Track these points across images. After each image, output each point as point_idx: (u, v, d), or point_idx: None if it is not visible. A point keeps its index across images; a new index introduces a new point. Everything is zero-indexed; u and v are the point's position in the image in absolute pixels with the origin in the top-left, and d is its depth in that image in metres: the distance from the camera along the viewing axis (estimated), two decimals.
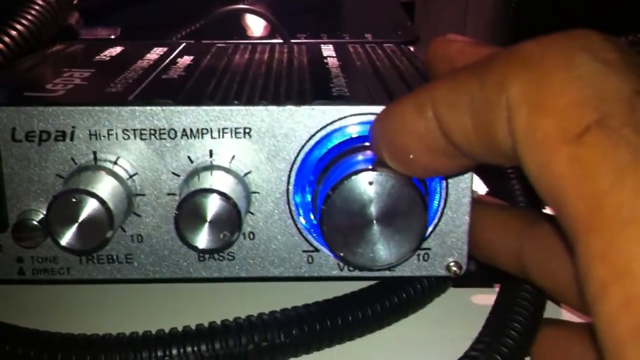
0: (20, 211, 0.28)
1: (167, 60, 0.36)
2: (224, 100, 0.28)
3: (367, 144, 0.27)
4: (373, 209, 0.26)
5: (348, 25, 0.60)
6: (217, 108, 0.28)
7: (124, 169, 0.28)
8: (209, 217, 0.26)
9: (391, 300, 0.31)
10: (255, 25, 0.55)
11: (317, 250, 0.29)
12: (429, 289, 0.32)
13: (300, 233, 0.29)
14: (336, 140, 0.28)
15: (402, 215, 0.26)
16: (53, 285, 0.31)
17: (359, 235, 0.26)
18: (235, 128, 0.28)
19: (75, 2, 0.47)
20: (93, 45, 0.41)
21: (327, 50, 0.40)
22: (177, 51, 0.38)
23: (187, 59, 0.36)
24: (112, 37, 0.49)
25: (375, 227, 0.26)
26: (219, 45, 0.41)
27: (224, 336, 0.28)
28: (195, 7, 0.54)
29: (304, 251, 0.29)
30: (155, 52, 0.38)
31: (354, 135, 0.28)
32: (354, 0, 0.67)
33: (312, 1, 0.65)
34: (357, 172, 0.26)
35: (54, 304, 0.33)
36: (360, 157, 0.27)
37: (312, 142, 0.28)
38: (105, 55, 0.38)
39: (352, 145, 0.27)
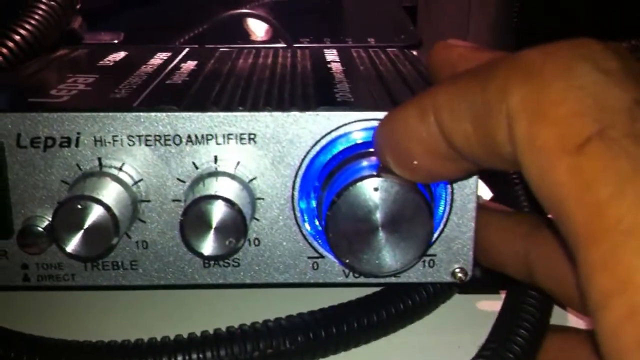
0: (25, 217, 0.28)
1: (171, 66, 0.36)
2: (229, 106, 0.28)
3: (371, 149, 0.27)
4: (378, 216, 0.26)
5: (351, 29, 0.60)
6: (221, 114, 0.28)
7: (129, 175, 0.28)
8: (214, 223, 0.26)
9: (396, 306, 0.31)
10: (259, 29, 0.55)
11: (322, 256, 0.29)
12: (434, 295, 0.32)
13: (305, 239, 0.29)
14: (341, 146, 0.28)
15: (408, 221, 0.26)
16: (58, 291, 0.30)
17: (365, 241, 0.26)
18: (240, 134, 0.28)
19: (78, 6, 0.47)
20: (96, 50, 0.41)
21: (331, 54, 0.40)
22: (180, 56, 0.38)
23: (190, 64, 0.36)
24: (116, 41, 0.49)
25: (381, 234, 0.26)
26: (222, 49, 0.41)
27: (229, 343, 0.28)
28: (198, 12, 0.54)
29: (309, 257, 0.29)
30: (159, 57, 0.38)
31: (359, 141, 0.28)
32: (356, 4, 0.67)
33: (315, 5, 0.65)
34: (362, 179, 0.26)
35: (58, 311, 0.33)
36: (365, 163, 0.27)
37: (317, 148, 0.28)
38: (109, 61, 0.38)
39: (356, 151, 0.27)
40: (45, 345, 0.28)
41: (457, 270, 0.30)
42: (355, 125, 0.28)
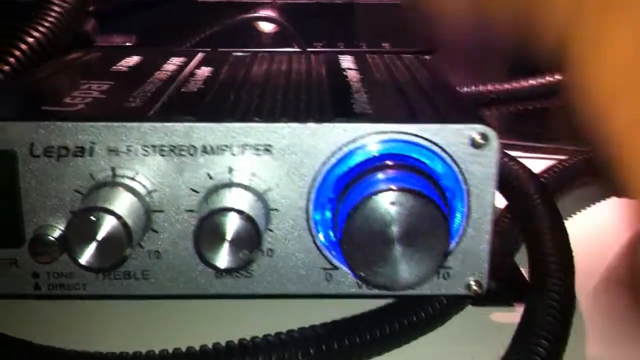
0: (37, 226, 0.28)
1: (186, 72, 0.35)
2: (244, 116, 0.28)
3: (388, 162, 0.27)
4: (394, 229, 0.26)
5: (364, 34, 0.60)
6: (237, 125, 0.27)
7: (143, 185, 0.27)
8: (228, 236, 0.26)
9: (409, 318, 0.31)
10: (272, 33, 0.54)
11: (335, 267, 0.29)
12: (447, 307, 0.32)
13: (319, 250, 0.29)
14: (357, 158, 0.28)
15: (424, 235, 0.26)
16: (61, 300, 0.30)
17: (380, 255, 0.26)
18: (256, 145, 0.27)
19: (90, 8, 0.47)
20: (109, 54, 0.41)
21: (346, 61, 0.40)
22: (195, 62, 0.38)
23: (205, 71, 0.36)
24: (128, 44, 0.49)
25: (397, 248, 0.26)
26: (236, 54, 0.41)
27: (241, 356, 0.27)
28: (211, 15, 0.53)
29: (323, 269, 0.29)
30: (173, 63, 0.37)
31: (375, 154, 0.27)
32: (369, 8, 0.66)
33: (327, 9, 0.65)
34: (378, 192, 0.26)
35: (60, 319, 0.32)
36: (381, 176, 0.26)
37: (333, 160, 0.28)
38: (122, 66, 0.37)
39: (373, 164, 0.27)
40: (44, 353, 0.28)
41: (472, 282, 0.29)
42: (373, 137, 0.27)
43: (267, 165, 0.28)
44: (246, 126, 0.27)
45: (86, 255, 0.26)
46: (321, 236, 0.29)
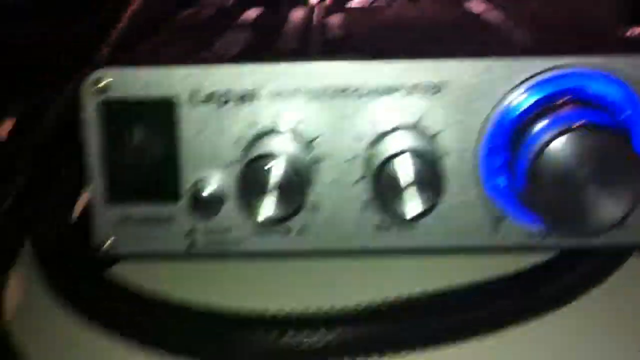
0: (196, 180, 0.26)
1: (317, 21, 0.33)
2: (410, 55, 0.26)
3: (574, 98, 0.25)
4: (584, 170, 0.24)
5: None
6: (404, 63, 0.25)
7: (305, 131, 0.26)
8: (408, 180, 0.24)
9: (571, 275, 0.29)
10: None
11: (506, 217, 0.27)
12: (613, 261, 0.30)
13: (491, 198, 0.27)
14: (537, 95, 0.25)
15: (614, 177, 0.24)
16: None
17: (569, 198, 0.24)
18: (424, 84, 0.25)
19: None
20: (223, 10, 0.39)
21: (475, 3, 0.37)
22: (319, 11, 0.36)
23: (336, 18, 0.34)
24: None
25: (586, 190, 0.24)
26: (352, 4, 0.38)
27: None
28: None
29: (492, 218, 0.27)
30: (298, 12, 0.35)
31: (556, 89, 0.25)
32: None
33: None
34: (568, 130, 0.24)
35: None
36: (566, 113, 0.25)
37: (509, 99, 0.26)
38: (248, 17, 0.35)
39: (557, 100, 0.25)
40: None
41: None
42: (551, 72, 0.25)
43: (436, 106, 0.26)
44: (413, 64, 0.25)
45: (259, 207, 0.24)
46: (493, 182, 0.27)
